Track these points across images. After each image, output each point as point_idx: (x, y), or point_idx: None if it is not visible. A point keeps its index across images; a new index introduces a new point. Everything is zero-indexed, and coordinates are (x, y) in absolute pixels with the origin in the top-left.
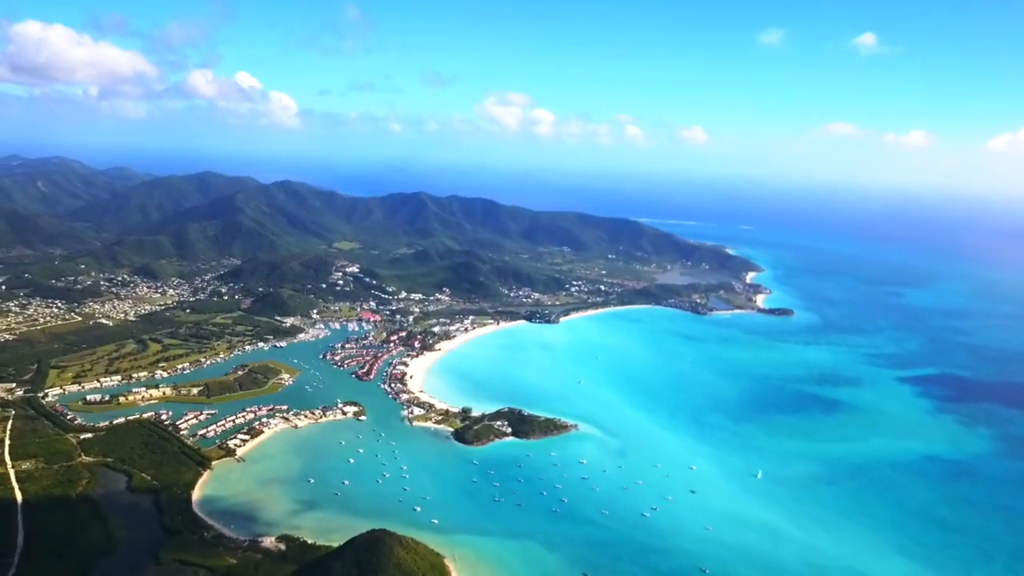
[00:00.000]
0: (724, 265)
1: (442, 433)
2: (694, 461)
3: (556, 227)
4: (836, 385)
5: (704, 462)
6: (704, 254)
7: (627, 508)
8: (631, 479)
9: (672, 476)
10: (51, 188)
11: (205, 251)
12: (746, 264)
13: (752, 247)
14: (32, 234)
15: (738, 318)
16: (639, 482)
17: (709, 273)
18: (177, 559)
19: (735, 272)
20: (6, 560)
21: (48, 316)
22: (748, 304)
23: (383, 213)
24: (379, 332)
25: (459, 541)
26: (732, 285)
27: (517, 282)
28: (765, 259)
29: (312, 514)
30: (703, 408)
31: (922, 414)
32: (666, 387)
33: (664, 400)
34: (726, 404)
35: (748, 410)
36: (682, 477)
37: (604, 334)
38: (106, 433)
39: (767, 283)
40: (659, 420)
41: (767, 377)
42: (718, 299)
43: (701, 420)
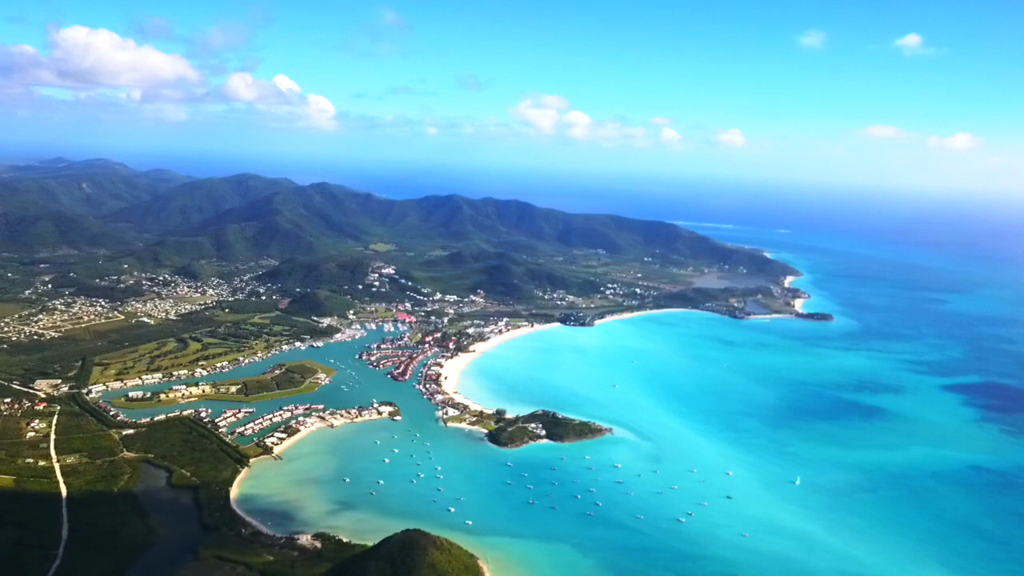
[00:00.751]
0: (762, 269)
1: (476, 434)
2: (730, 467)
3: (591, 230)
4: (876, 392)
5: (740, 468)
6: (741, 258)
7: (662, 513)
8: (666, 484)
9: (707, 482)
10: (95, 190)
11: (244, 252)
12: (784, 268)
13: (790, 251)
14: (77, 235)
15: (775, 323)
16: (674, 487)
17: (746, 277)
18: (215, 555)
19: (773, 276)
20: (51, 553)
21: (92, 314)
22: (786, 309)
23: (418, 215)
24: (414, 333)
25: (492, 543)
26: (770, 289)
27: (551, 284)
28: (803, 263)
29: (347, 513)
30: (739, 414)
31: (965, 423)
32: (702, 392)
33: (700, 405)
34: (763, 410)
35: (785, 416)
36: (718, 483)
37: (639, 337)
38: (147, 429)
39: (805, 288)
40: (695, 425)
41: (805, 383)
42: (755, 303)
43: (737, 426)
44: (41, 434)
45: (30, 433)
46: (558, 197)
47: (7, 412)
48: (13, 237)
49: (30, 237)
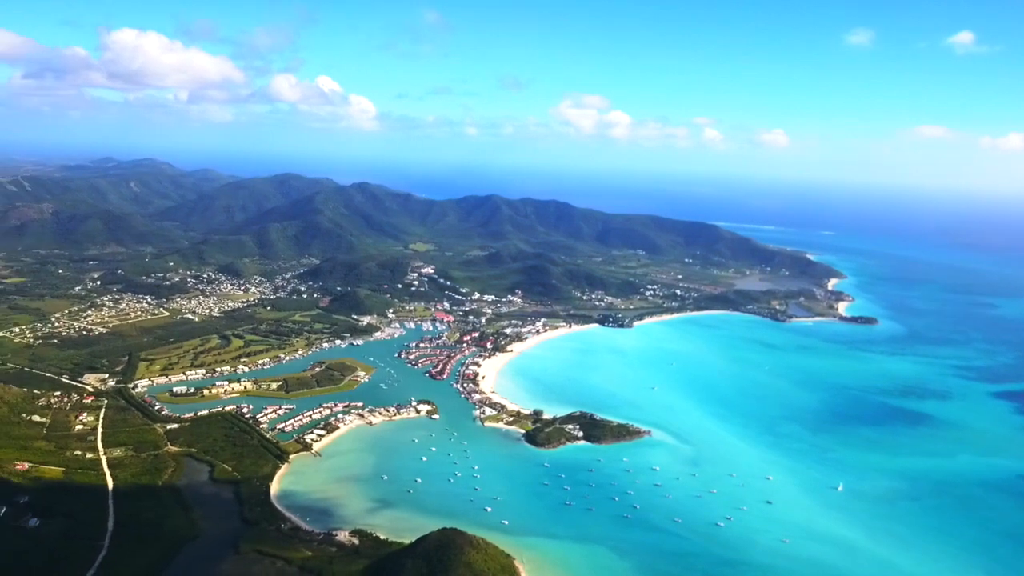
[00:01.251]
0: (804, 271)
1: (513, 434)
2: (770, 471)
3: (630, 230)
4: (922, 398)
5: (780, 473)
6: (784, 260)
7: (700, 517)
8: (704, 488)
9: (747, 486)
10: (143, 189)
11: (286, 250)
12: (828, 271)
13: (834, 253)
14: (125, 233)
15: (819, 326)
16: (713, 491)
17: (789, 279)
18: (255, 549)
19: (816, 279)
20: (98, 544)
21: (139, 311)
22: (829, 312)
23: (457, 215)
24: (452, 332)
25: (529, 543)
26: (813, 292)
27: (590, 285)
28: (848, 266)
29: (385, 510)
30: (780, 418)
31: (1015, 431)
32: (742, 395)
33: (740, 409)
34: (804, 414)
35: (827, 421)
36: (757, 487)
37: (679, 340)
38: (191, 424)
39: (850, 290)
40: (734, 429)
41: (848, 387)
42: (798, 306)
43: (778, 430)
44: (89, 427)
45: (78, 426)
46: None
47: (57, 405)
48: (64, 235)
49: (80, 235)
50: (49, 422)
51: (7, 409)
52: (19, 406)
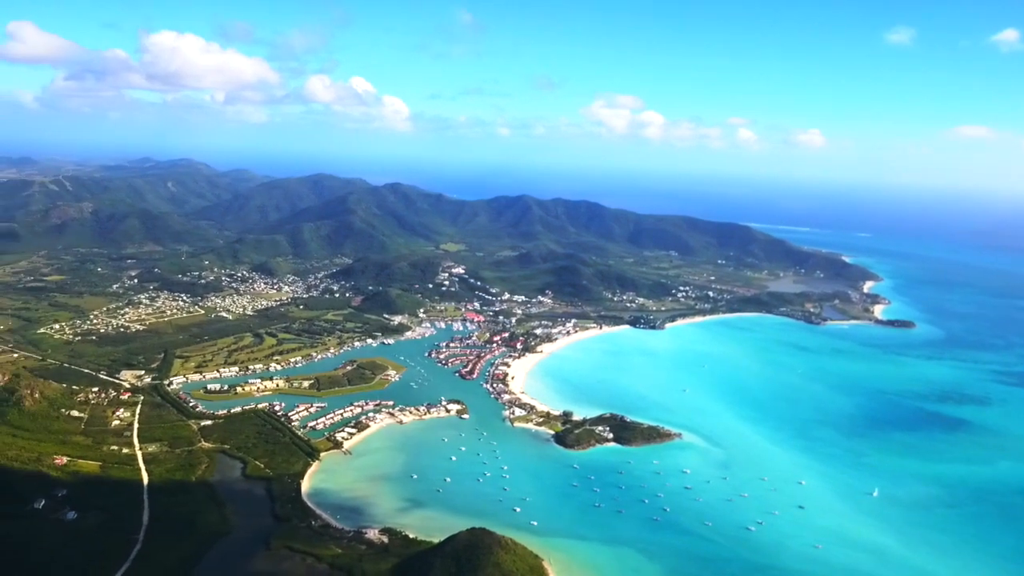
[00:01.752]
0: (840, 274)
1: (542, 435)
2: (803, 476)
3: (662, 231)
4: (960, 403)
5: (813, 478)
6: (818, 262)
7: (731, 521)
8: (736, 491)
9: (779, 490)
10: (179, 188)
11: (318, 250)
12: (863, 273)
13: (870, 256)
14: (162, 232)
15: (854, 329)
16: (744, 495)
17: (823, 282)
18: (286, 546)
19: (851, 281)
20: (133, 537)
21: (174, 309)
22: (865, 315)
23: (488, 216)
24: (482, 332)
25: (557, 544)
26: (848, 295)
27: (621, 286)
28: (884, 268)
29: (414, 509)
30: (813, 422)
31: None
32: (775, 399)
33: (772, 412)
34: (838, 419)
35: (862, 426)
36: (790, 492)
37: (711, 342)
38: (224, 421)
39: (886, 293)
40: (767, 432)
41: (884, 392)
42: (832, 309)
43: (811, 434)
44: (125, 423)
45: (115, 422)
46: (629, 198)
47: (95, 401)
48: (103, 233)
49: (119, 234)
50: (87, 417)
51: (47, 404)
52: (58, 401)
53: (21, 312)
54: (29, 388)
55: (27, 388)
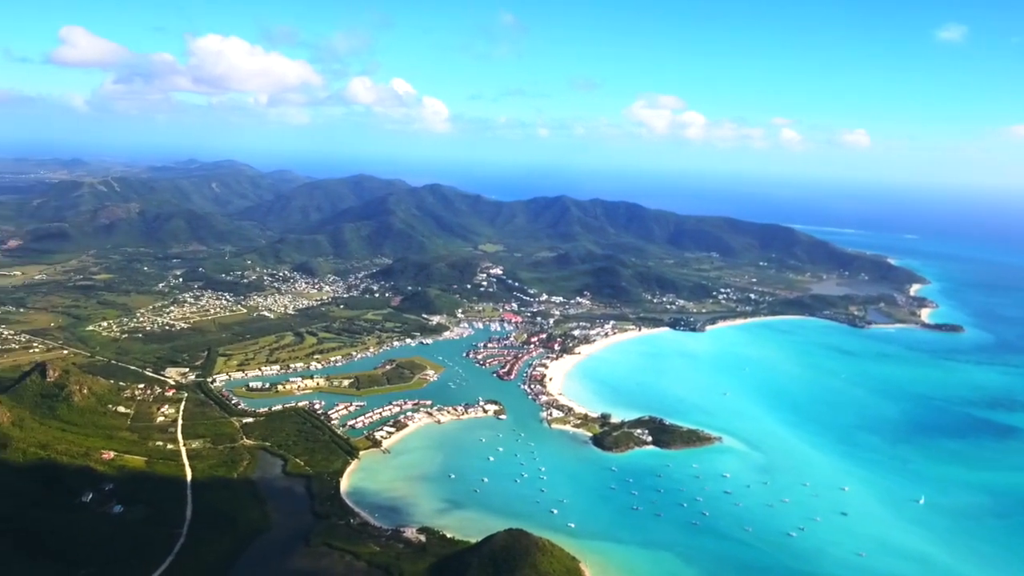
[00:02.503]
0: (885, 276)
1: (580, 437)
2: (846, 482)
3: (703, 232)
4: (1011, 410)
5: (856, 484)
6: (863, 264)
7: (771, 526)
8: (776, 496)
9: (821, 496)
10: (223, 189)
11: (359, 250)
12: (910, 276)
13: (917, 258)
14: (206, 232)
15: (900, 333)
16: (785, 500)
17: (868, 284)
18: (325, 543)
19: (897, 284)
20: (176, 531)
21: (218, 307)
22: (911, 318)
23: (526, 216)
24: (520, 333)
25: (595, 547)
26: (893, 298)
27: (661, 288)
28: (931, 271)
29: (452, 509)
30: (857, 427)
31: None
32: (817, 403)
33: (815, 417)
34: (883, 424)
35: (907, 432)
36: (832, 498)
37: (752, 345)
38: (265, 419)
39: (933, 296)
40: (809, 437)
41: (930, 397)
42: (877, 312)
43: (855, 440)
44: (170, 419)
45: (160, 418)
46: (669, 198)
47: (140, 397)
48: (149, 233)
49: (164, 233)
50: (133, 413)
51: (95, 400)
52: (106, 397)
53: (71, 310)
54: (78, 384)
55: (76, 384)
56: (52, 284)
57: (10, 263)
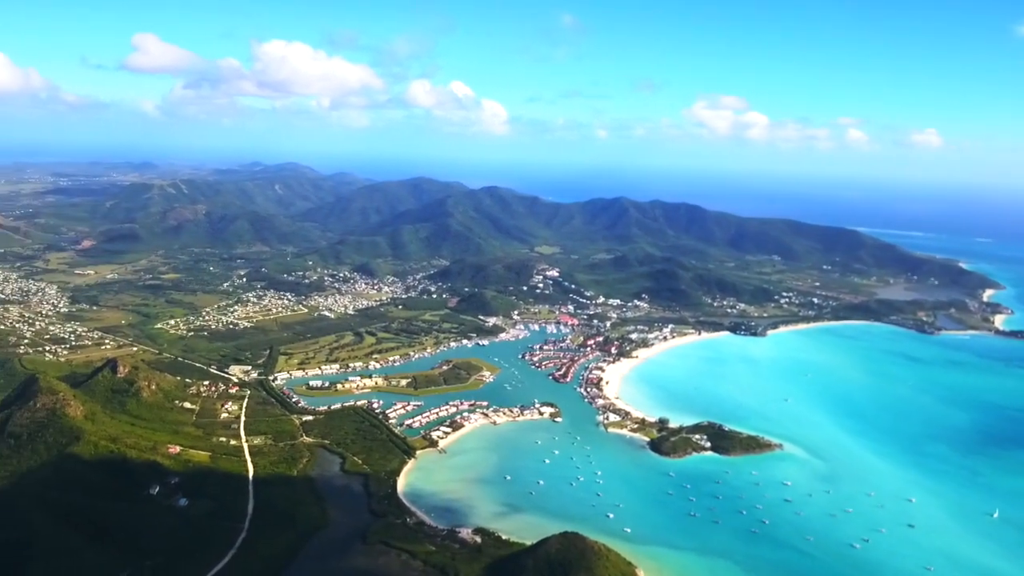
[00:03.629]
0: (956, 281)
1: (637, 442)
2: (913, 493)
3: (765, 235)
4: None
5: (924, 495)
6: (932, 268)
7: (834, 537)
8: (839, 506)
9: (887, 507)
10: (286, 191)
11: (417, 252)
12: (983, 280)
13: (990, 262)
14: (269, 233)
15: (971, 340)
16: (848, 510)
17: (938, 289)
18: (382, 541)
19: (969, 289)
20: (238, 525)
21: (280, 307)
22: (984, 325)
23: (583, 218)
24: (576, 336)
25: (650, 552)
26: (965, 303)
27: (721, 291)
28: (1006, 276)
29: (507, 510)
30: (926, 437)
31: None
32: (883, 411)
33: (881, 425)
34: (953, 434)
35: (979, 442)
36: (898, 509)
37: (815, 350)
38: (324, 417)
39: (1008, 302)
40: (874, 446)
41: (1004, 407)
42: (947, 318)
43: (923, 450)
44: (233, 416)
45: (224, 414)
46: (730, 200)
47: (205, 394)
48: (215, 234)
49: (229, 234)
50: (198, 409)
51: (162, 396)
52: (172, 393)
53: (140, 308)
54: (147, 380)
55: (145, 380)
56: (123, 283)
57: (84, 263)
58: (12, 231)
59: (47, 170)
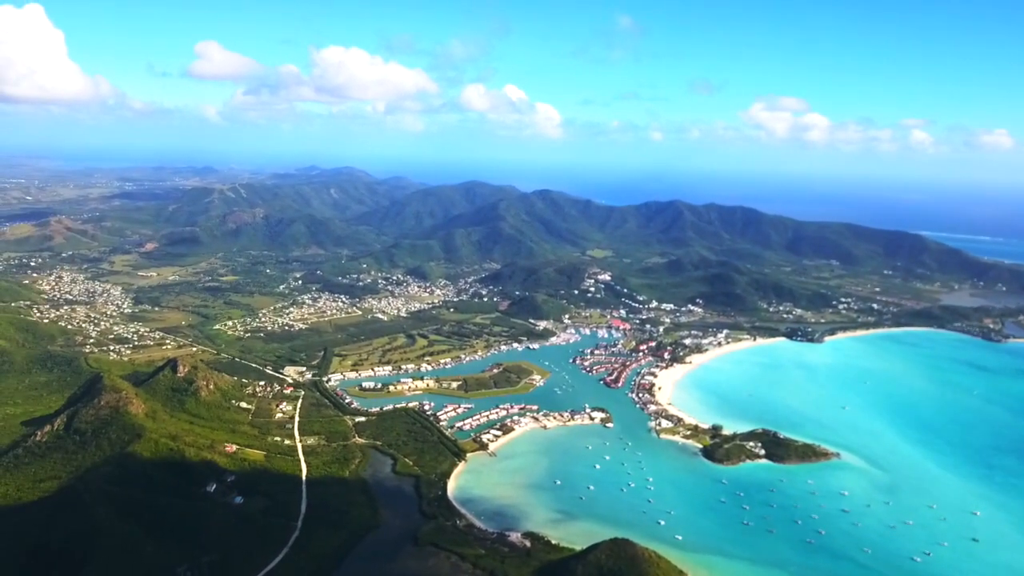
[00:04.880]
0: None
1: (690, 448)
2: (978, 506)
3: (823, 239)
4: None
5: (990, 508)
6: (1000, 273)
7: (893, 549)
8: (899, 518)
9: (950, 520)
10: (341, 195)
11: (469, 255)
12: None
13: None
14: (324, 236)
15: None
16: (909, 522)
17: (1006, 295)
18: (432, 543)
19: None
20: (292, 524)
21: (334, 309)
22: None
23: (637, 222)
24: (628, 341)
25: (702, 560)
26: None
27: (777, 296)
28: None
29: (557, 515)
30: (992, 448)
31: None
32: (947, 421)
33: (944, 435)
34: (1022, 446)
35: None
36: (962, 522)
37: (875, 357)
38: (376, 418)
39: None
40: (936, 457)
41: None
42: (1016, 325)
43: (989, 461)
44: (287, 416)
45: (278, 414)
46: (788, 203)
47: (261, 394)
48: (272, 237)
49: (286, 237)
50: (254, 409)
51: (220, 395)
52: (229, 393)
53: (200, 309)
54: (205, 380)
55: (203, 380)
56: (184, 285)
57: (147, 264)
58: (80, 234)
59: (114, 175)
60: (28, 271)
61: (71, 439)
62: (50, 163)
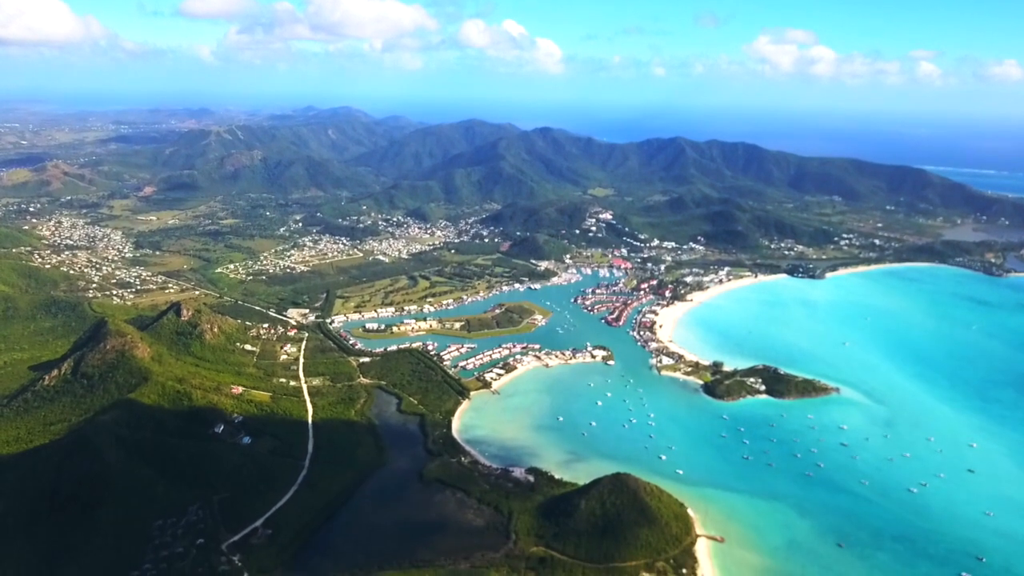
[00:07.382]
0: None
1: (691, 385)
2: (975, 438)
3: (826, 175)
4: None
5: (987, 440)
6: (1004, 208)
7: (891, 481)
8: (897, 451)
9: (946, 452)
10: (339, 136)
11: (469, 196)
12: None
13: None
14: (324, 178)
15: None
16: (906, 455)
17: (1009, 230)
18: (438, 479)
19: None
20: (299, 463)
21: (335, 251)
22: None
23: (638, 159)
24: (629, 279)
25: (703, 494)
26: None
27: (779, 233)
28: None
29: (559, 451)
30: (991, 382)
31: None
32: (947, 356)
33: (944, 370)
34: (1020, 379)
35: None
36: (959, 454)
37: (876, 293)
38: (381, 359)
39: None
40: (935, 391)
41: None
42: (1018, 259)
43: (986, 394)
44: (292, 357)
45: (283, 356)
46: (791, 139)
47: (265, 336)
48: (271, 179)
49: (285, 180)
50: (259, 351)
51: (224, 338)
52: (234, 336)
53: (201, 253)
54: (209, 323)
55: (207, 323)
56: (184, 229)
57: (146, 209)
58: (78, 179)
59: (109, 118)
60: (27, 216)
61: (79, 383)
62: (44, 107)
